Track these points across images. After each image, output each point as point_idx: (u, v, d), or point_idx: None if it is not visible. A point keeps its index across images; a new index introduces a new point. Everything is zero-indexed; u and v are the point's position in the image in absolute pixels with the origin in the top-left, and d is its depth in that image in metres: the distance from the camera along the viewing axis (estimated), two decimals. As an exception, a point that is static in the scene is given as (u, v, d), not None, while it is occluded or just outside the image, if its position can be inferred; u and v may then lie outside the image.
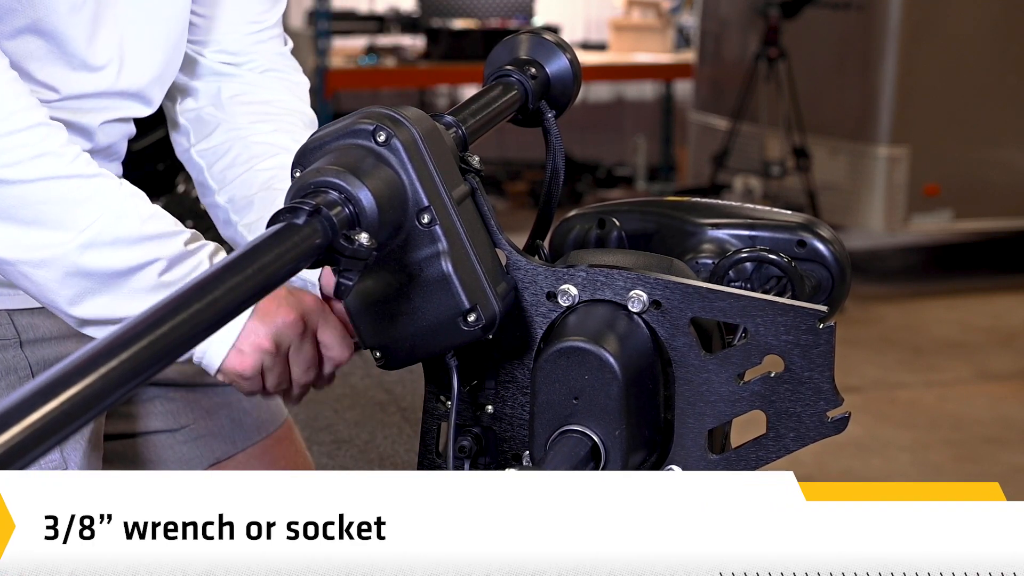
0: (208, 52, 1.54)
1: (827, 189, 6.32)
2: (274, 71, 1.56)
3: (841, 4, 6.35)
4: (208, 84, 1.54)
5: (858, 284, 5.90)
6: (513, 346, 1.16)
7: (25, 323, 1.43)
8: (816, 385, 1.08)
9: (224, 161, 1.50)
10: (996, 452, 4.42)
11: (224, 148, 1.51)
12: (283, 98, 1.55)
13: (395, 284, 1.10)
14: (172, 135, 1.57)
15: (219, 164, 1.51)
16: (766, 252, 1.25)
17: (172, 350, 0.80)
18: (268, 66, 1.56)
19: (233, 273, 0.86)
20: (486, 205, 1.15)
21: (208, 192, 1.52)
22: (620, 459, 1.08)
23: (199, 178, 1.53)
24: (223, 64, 1.54)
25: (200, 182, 1.53)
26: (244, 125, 1.51)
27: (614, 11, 8.82)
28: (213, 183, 1.51)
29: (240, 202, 1.48)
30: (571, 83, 1.31)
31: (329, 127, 1.08)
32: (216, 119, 1.53)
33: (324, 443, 2.94)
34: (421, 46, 7.83)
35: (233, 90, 1.53)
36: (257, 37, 1.55)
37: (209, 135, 1.52)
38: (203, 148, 1.53)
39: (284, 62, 1.58)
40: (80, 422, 0.72)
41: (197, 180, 1.53)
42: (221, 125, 1.52)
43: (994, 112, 6.34)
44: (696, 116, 7.46)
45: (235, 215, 1.48)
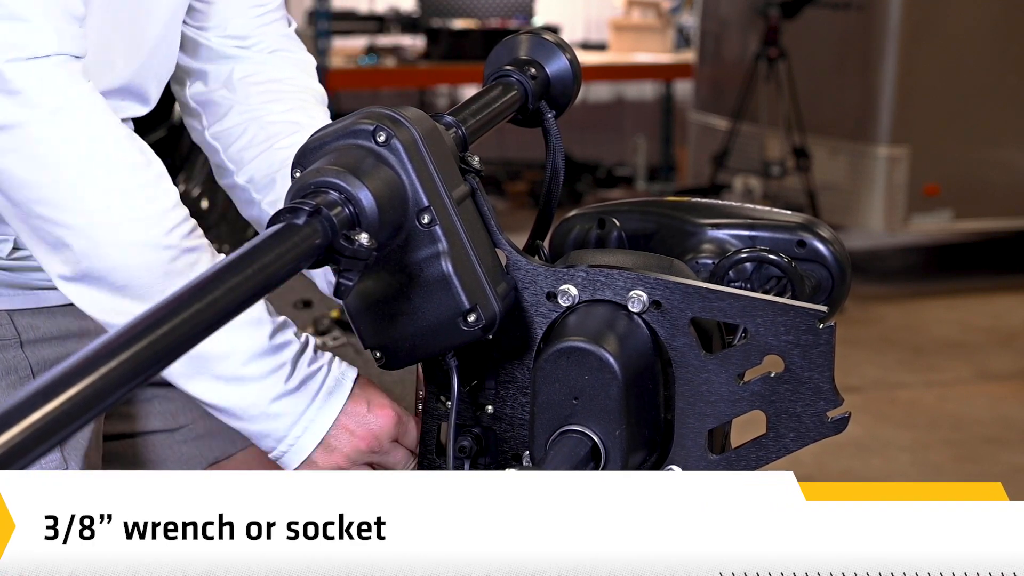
0: (214, 36, 1.55)
1: (827, 189, 6.32)
2: (282, 51, 1.58)
3: (841, 4, 6.35)
4: (218, 67, 1.55)
5: (858, 284, 5.90)
6: (513, 346, 1.16)
7: (25, 323, 1.43)
8: (816, 385, 1.08)
9: (241, 142, 1.51)
10: (996, 452, 4.42)
11: (239, 129, 1.52)
12: (293, 75, 1.56)
13: (395, 284, 1.10)
14: (185, 119, 1.58)
15: (235, 145, 1.52)
16: (766, 252, 1.25)
17: (172, 351, 0.80)
18: (275, 47, 1.57)
19: (233, 273, 0.86)
20: (486, 205, 1.15)
21: (226, 173, 1.53)
22: (620, 459, 1.08)
23: (215, 160, 1.54)
24: (233, 48, 1.55)
25: (217, 164, 1.54)
26: (258, 105, 1.52)
27: (614, 11, 8.82)
28: (231, 164, 1.52)
29: (261, 181, 1.49)
30: (571, 83, 1.31)
31: (329, 127, 1.08)
32: (229, 101, 1.54)
33: (324, 443, 2.94)
34: (421, 46, 7.83)
35: (244, 71, 1.54)
36: (262, 20, 1.56)
37: (223, 117, 1.53)
38: (217, 130, 1.54)
39: (290, 42, 1.59)
40: (80, 422, 0.72)
41: (214, 162, 1.54)
42: (235, 107, 1.53)
43: (994, 112, 6.34)
44: (696, 116, 7.46)
45: (257, 194, 1.49)
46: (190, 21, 1.53)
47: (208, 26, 1.54)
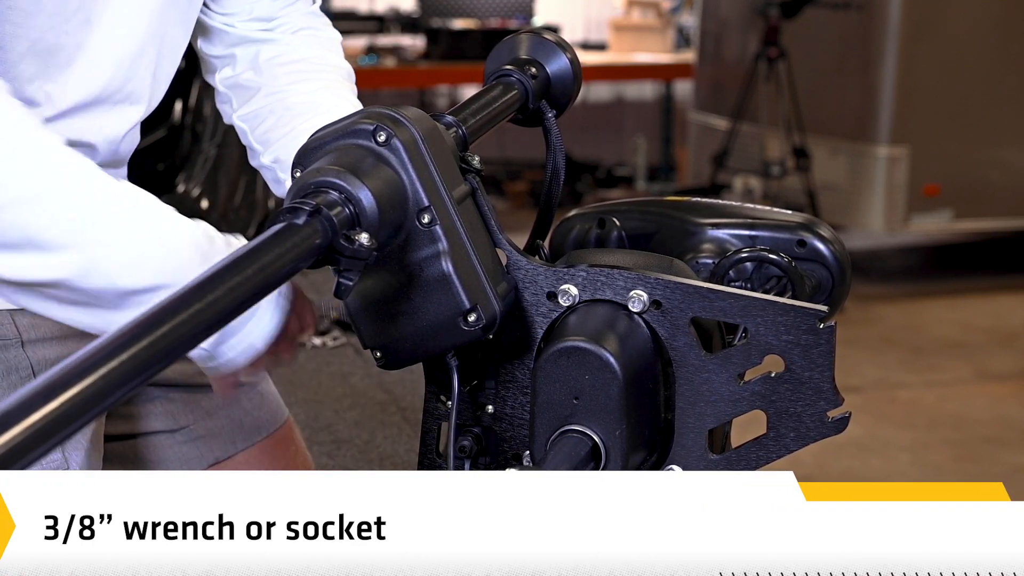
0: (239, 22, 1.56)
1: (827, 189, 6.32)
2: (306, 29, 1.58)
3: (841, 4, 6.35)
4: (245, 51, 1.56)
5: (858, 284, 5.90)
6: (513, 346, 1.16)
7: (26, 323, 1.43)
8: (816, 385, 1.08)
9: (267, 124, 1.52)
10: (996, 452, 4.42)
11: (266, 111, 1.53)
12: (318, 54, 1.57)
13: (395, 284, 1.10)
14: (218, 104, 1.59)
15: (262, 127, 1.53)
16: (766, 252, 1.25)
17: (172, 350, 0.80)
18: (300, 25, 1.58)
19: (233, 273, 0.86)
20: (486, 205, 1.15)
21: (255, 155, 1.54)
22: (620, 459, 1.08)
23: (245, 141, 1.55)
24: (258, 31, 1.55)
25: (247, 145, 1.55)
26: (283, 87, 1.53)
27: (614, 11, 8.82)
28: (258, 145, 1.53)
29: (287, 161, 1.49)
30: (571, 83, 1.31)
31: (329, 127, 1.08)
32: (256, 83, 1.55)
33: (324, 443, 2.94)
34: (421, 46, 7.84)
35: (270, 53, 1.55)
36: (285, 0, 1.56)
37: (249, 100, 1.55)
38: (244, 113, 1.55)
39: (315, 20, 1.60)
40: (81, 422, 0.72)
41: (244, 143, 1.55)
42: (261, 89, 1.54)
43: (994, 112, 6.34)
44: (696, 116, 7.47)
45: (283, 173, 1.50)
46: (216, 10, 1.54)
47: (234, 12, 1.55)
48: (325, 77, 1.55)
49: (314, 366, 3.46)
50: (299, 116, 1.50)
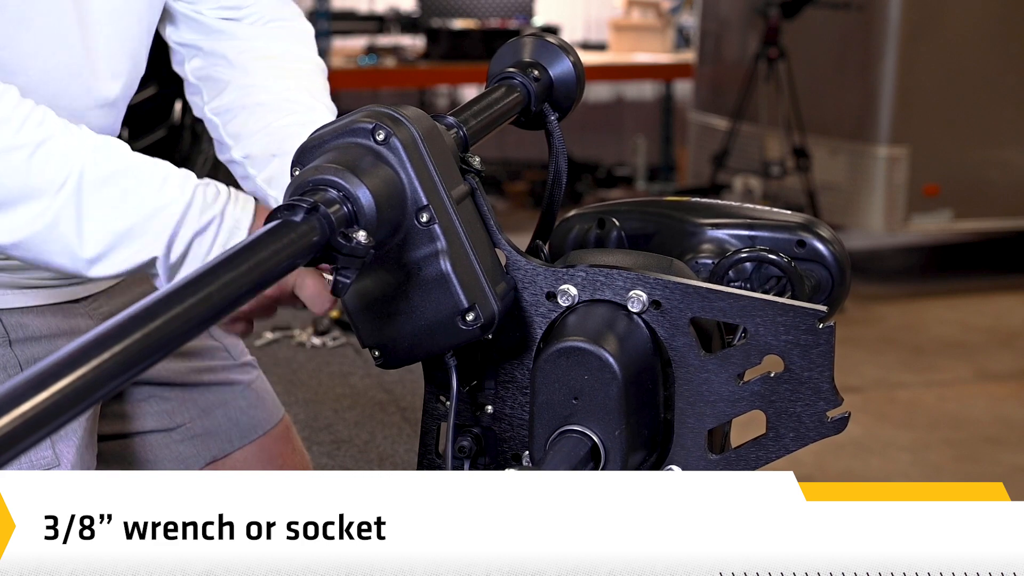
0: (206, 9, 1.53)
1: (827, 189, 6.32)
2: (277, 20, 1.56)
3: (841, 4, 6.35)
4: (214, 41, 1.54)
5: (858, 284, 5.90)
6: (513, 346, 1.16)
7: (14, 322, 1.43)
8: (816, 385, 1.08)
9: (239, 119, 1.51)
10: (996, 452, 4.42)
11: (238, 106, 1.52)
12: (291, 49, 1.55)
13: (394, 283, 1.10)
14: (187, 95, 1.57)
15: (235, 122, 1.52)
16: (766, 252, 1.25)
17: (165, 345, 0.79)
18: (270, 16, 1.56)
19: (229, 269, 0.86)
20: (486, 205, 1.14)
21: (224, 149, 1.53)
22: (620, 459, 1.08)
23: (215, 135, 1.54)
24: (223, 20, 1.53)
25: (217, 139, 1.54)
26: (257, 82, 1.52)
27: (614, 11, 8.82)
28: (229, 140, 1.52)
29: (257, 157, 1.48)
30: (574, 86, 1.31)
31: (328, 126, 1.08)
32: (227, 76, 1.53)
33: (324, 443, 2.94)
34: (421, 46, 7.84)
35: (240, 46, 1.53)
36: None
37: (220, 93, 1.53)
38: (216, 106, 1.54)
39: (285, 10, 1.58)
40: (71, 414, 0.72)
41: (214, 137, 1.54)
42: (232, 82, 1.53)
43: (994, 112, 6.34)
44: (696, 116, 7.46)
45: (252, 169, 1.49)
46: None
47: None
48: (297, 72, 1.53)
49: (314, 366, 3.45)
50: (273, 112, 1.49)
